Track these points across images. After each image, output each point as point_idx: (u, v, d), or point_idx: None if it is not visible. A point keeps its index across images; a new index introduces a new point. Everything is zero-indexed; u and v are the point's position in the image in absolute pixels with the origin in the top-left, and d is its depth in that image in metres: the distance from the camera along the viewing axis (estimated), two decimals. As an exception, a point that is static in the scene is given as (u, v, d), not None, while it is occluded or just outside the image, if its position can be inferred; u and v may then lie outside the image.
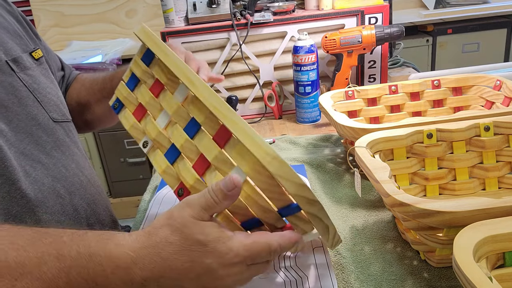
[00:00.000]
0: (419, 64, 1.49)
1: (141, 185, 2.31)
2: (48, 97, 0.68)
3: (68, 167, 0.66)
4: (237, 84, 1.15)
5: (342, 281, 0.54)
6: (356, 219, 0.66)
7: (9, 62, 0.63)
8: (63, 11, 2.57)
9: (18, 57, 0.65)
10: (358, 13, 1.08)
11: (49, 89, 0.69)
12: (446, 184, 0.68)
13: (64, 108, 0.72)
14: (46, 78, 0.71)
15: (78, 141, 0.73)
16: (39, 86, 0.67)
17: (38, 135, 0.63)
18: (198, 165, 0.48)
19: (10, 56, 0.64)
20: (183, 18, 1.11)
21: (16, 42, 0.68)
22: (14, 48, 0.66)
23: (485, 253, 0.40)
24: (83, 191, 0.68)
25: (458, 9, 2.29)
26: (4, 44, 0.65)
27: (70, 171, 0.66)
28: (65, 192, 0.64)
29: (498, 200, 0.45)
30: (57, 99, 0.71)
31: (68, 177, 0.65)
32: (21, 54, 0.67)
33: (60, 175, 0.64)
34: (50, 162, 0.63)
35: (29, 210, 0.58)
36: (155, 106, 0.54)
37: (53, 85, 0.72)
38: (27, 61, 0.67)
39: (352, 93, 0.89)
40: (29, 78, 0.66)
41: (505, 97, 0.81)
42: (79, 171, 0.69)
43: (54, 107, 0.69)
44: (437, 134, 0.66)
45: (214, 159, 0.46)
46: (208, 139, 0.47)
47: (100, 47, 2.31)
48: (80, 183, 0.68)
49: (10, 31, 0.68)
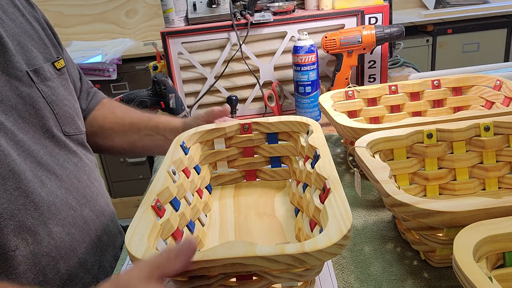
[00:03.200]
0: (419, 64, 1.49)
1: (141, 185, 2.32)
2: (65, 110, 0.68)
3: (80, 178, 0.67)
4: (237, 84, 1.15)
5: (342, 281, 0.54)
6: (356, 219, 0.66)
7: (30, 72, 0.63)
8: (63, 11, 2.57)
9: (39, 68, 0.65)
10: (358, 13, 1.08)
11: (67, 101, 0.70)
12: (446, 184, 0.68)
13: (79, 120, 0.73)
14: (65, 89, 0.71)
15: (88, 152, 0.74)
16: (57, 98, 0.67)
17: (51, 147, 0.64)
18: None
19: (31, 66, 0.64)
20: (183, 18, 1.11)
21: (40, 50, 0.68)
22: (37, 58, 0.66)
23: (485, 253, 0.40)
24: (93, 202, 0.69)
25: (458, 9, 2.29)
26: (27, 53, 0.65)
27: (82, 183, 0.67)
28: (77, 204, 0.64)
29: (498, 200, 0.45)
30: (73, 111, 0.71)
31: (80, 188, 0.66)
32: (43, 64, 0.66)
33: (72, 187, 0.64)
34: (64, 173, 0.64)
35: (42, 222, 0.58)
36: None
37: (71, 96, 0.72)
38: (48, 71, 0.67)
39: (352, 93, 0.89)
40: (49, 89, 0.66)
41: (505, 97, 0.81)
42: (90, 182, 0.69)
43: (69, 120, 0.69)
44: (437, 134, 0.66)
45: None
46: None
47: (100, 47, 2.31)
48: (91, 194, 0.68)
49: (35, 38, 0.68)
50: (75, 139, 0.70)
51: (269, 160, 0.74)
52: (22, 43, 0.64)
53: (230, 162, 0.75)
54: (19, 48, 0.64)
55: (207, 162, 0.74)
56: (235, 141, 0.73)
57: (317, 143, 0.62)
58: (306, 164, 0.63)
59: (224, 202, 0.71)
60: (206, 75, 1.13)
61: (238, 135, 0.73)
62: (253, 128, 0.72)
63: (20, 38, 0.65)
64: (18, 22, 0.66)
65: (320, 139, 0.63)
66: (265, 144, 0.73)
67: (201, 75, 1.14)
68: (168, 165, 0.60)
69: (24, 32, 0.66)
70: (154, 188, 0.54)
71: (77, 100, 0.75)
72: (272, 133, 0.72)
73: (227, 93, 1.14)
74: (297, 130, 0.71)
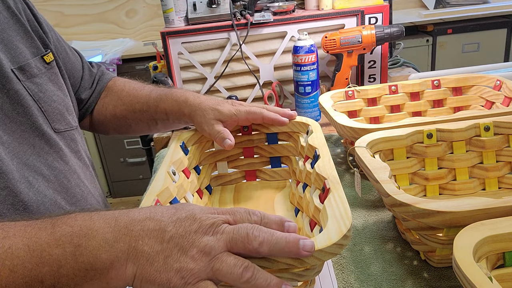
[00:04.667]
0: (419, 64, 1.48)
1: (141, 185, 2.32)
2: (53, 106, 0.66)
3: (70, 178, 0.66)
4: (237, 84, 1.15)
5: (342, 281, 0.54)
6: (356, 219, 0.66)
7: (15, 70, 0.61)
8: (63, 11, 2.57)
9: (25, 65, 0.63)
10: (358, 13, 1.08)
11: (56, 96, 0.68)
12: (446, 184, 0.68)
13: (69, 116, 0.70)
14: (54, 84, 0.68)
15: (81, 149, 0.72)
16: (44, 95, 0.65)
17: (41, 147, 0.62)
18: None
19: (17, 63, 0.62)
20: (183, 18, 1.11)
21: (26, 45, 0.66)
22: (24, 53, 0.64)
23: (485, 253, 0.40)
24: (84, 202, 0.67)
25: (458, 9, 2.29)
26: (12, 50, 0.63)
27: (72, 182, 0.66)
28: (66, 203, 0.63)
29: (498, 200, 0.45)
30: (63, 107, 0.69)
31: (69, 188, 0.65)
32: (30, 59, 0.64)
33: (61, 187, 0.63)
34: (52, 174, 0.63)
35: None
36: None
37: (61, 91, 0.70)
38: (35, 67, 0.65)
39: (352, 93, 0.89)
40: (35, 86, 0.64)
41: (505, 97, 0.81)
42: (81, 181, 0.68)
43: (58, 116, 0.67)
44: (437, 134, 0.66)
45: None
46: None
47: (100, 47, 2.31)
48: (81, 194, 0.67)
49: (21, 33, 0.65)
50: (66, 135, 0.68)
51: (269, 160, 0.74)
52: (6, 40, 0.63)
53: (230, 162, 0.75)
54: (3, 46, 0.62)
55: (207, 162, 0.74)
56: (235, 141, 0.73)
57: (317, 143, 0.62)
58: (306, 164, 0.63)
59: (224, 202, 0.71)
60: (206, 75, 1.13)
61: (238, 135, 0.73)
62: (253, 128, 0.72)
63: (4, 35, 0.63)
64: (2, 17, 0.64)
65: (320, 139, 0.63)
66: (265, 144, 0.73)
67: (201, 75, 1.14)
68: (168, 165, 0.60)
69: (9, 27, 0.64)
70: (154, 188, 0.54)
71: (68, 94, 0.72)
72: (272, 133, 0.72)
73: (227, 93, 1.14)
74: (297, 130, 0.71)
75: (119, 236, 0.40)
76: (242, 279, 0.38)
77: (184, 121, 0.73)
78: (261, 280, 0.39)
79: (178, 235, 0.40)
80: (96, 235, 0.40)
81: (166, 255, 0.39)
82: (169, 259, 0.39)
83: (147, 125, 0.79)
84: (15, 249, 0.39)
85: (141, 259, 0.39)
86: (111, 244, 0.40)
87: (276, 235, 0.40)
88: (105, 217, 0.42)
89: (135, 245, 0.40)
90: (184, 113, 0.71)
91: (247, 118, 0.69)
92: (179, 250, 0.39)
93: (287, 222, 0.43)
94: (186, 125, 0.75)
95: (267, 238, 0.40)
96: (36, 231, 0.41)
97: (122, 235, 0.40)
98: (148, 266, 0.39)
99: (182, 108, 0.71)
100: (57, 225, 0.41)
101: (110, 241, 0.40)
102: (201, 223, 0.41)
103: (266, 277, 0.39)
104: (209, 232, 0.41)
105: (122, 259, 0.39)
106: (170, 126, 0.79)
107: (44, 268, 0.39)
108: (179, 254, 0.39)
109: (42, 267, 0.39)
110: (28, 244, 0.40)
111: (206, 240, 0.40)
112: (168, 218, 0.41)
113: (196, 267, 0.39)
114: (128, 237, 0.40)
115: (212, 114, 0.68)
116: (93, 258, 0.39)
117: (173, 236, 0.40)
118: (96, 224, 0.41)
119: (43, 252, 0.39)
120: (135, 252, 0.40)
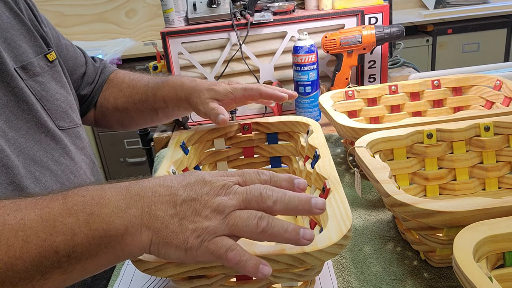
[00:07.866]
0: (419, 64, 1.49)
1: (141, 185, 2.29)
2: (56, 104, 0.67)
3: (76, 173, 0.66)
4: (237, 84, 1.15)
5: (342, 281, 0.54)
6: (356, 219, 0.66)
7: (17, 69, 0.62)
8: (63, 11, 2.57)
9: (28, 63, 0.64)
10: (358, 13, 1.08)
11: (58, 95, 0.68)
12: (446, 184, 0.68)
13: (73, 113, 0.71)
14: (57, 82, 0.69)
15: (86, 146, 0.73)
16: (47, 94, 0.66)
17: (47, 143, 0.63)
18: None
19: (20, 62, 0.63)
20: (183, 18, 1.11)
21: (29, 44, 0.66)
22: (27, 52, 0.64)
23: (485, 253, 0.40)
24: None
25: (458, 9, 2.29)
26: (15, 49, 0.63)
27: (78, 178, 0.66)
28: None
29: (498, 200, 0.45)
30: (66, 105, 0.69)
31: (76, 183, 0.65)
32: (33, 58, 0.65)
33: (68, 181, 0.64)
34: (59, 169, 0.63)
35: None
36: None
37: (64, 89, 0.70)
38: (38, 66, 0.65)
39: (352, 93, 0.89)
40: (38, 85, 0.64)
41: (505, 97, 0.81)
42: (87, 177, 0.68)
43: (62, 114, 0.67)
44: (437, 134, 0.66)
45: None
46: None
47: (100, 47, 2.31)
48: None
49: (23, 32, 0.66)
50: (71, 132, 0.69)
51: (269, 160, 0.74)
52: (9, 39, 0.63)
53: (230, 162, 0.75)
54: (6, 45, 0.62)
55: (207, 162, 0.74)
56: (235, 141, 0.73)
57: (317, 143, 0.62)
58: (306, 164, 0.63)
59: (224, 202, 0.71)
60: (206, 75, 1.13)
61: (238, 135, 0.73)
62: (253, 128, 0.72)
63: (7, 34, 0.63)
64: (5, 17, 0.64)
65: (320, 139, 0.63)
66: (265, 144, 0.73)
67: (201, 75, 1.14)
68: (168, 165, 0.60)
69: (12, 27, 0.64)
70: None
71: (70, 92, 0.72)
72: (272, 133, 0.72)
73: (227, 93, 1.14)
74: (297, 130, 0.71)
75: (132, 203, 0.40)
76: (258, 229, 0.39)
77: (183, 107, 0.73)
78: (277, 228, 0.39)
79: (190, 198, 0.41)
80: (109, 203, 0.40)
81: (181, 217, 0.40)
82: (183, 221, 0.40)
83: (149, 115, 0.79)
84: (27, 220, 0.39)
85: (156, 223, 0.40)
86: (124, 210, 0.40)
87: (289, 194, 0.41)
88: (116, 187, 0.42)
89: (148, 210, 0.40)
90: (181, 98, 0.71)
91: (244, 95, 0.68)
92: (193, 212, 0.40)
93: (296, 179, 0.44)
94: (186, 112, 0.75)
95: (280, 197, 0.40)
96: (48, 202, 0.41)
97: (134, 202, 0.40)
98: (163, 229, 0.39)
99: (178, 93, 0.71)
100: (68, 196, 0.41)
101: (122, 208, 0.40)
102: (212, 186, 0.41)
103: (283, 224, 0.39)
104: (221, 193, 0.41)
105: (136, 224, 0.40)
106: (170, 115, 0.79)
107: (58, 237, 0.38)
108: (193, 215, 0.40)
109: (56, 236, 0.38)
110: (40, 214, 0.39)
111: (218, 200, 0.40)
112: (178, 184, 0.42)
113: (211, 225, 0.39)
114: (141, 203, 0.40)
115: (207, 94, 0.68)
116: (106, 224, 0.39)
117: (185, 200, 0.41)
118: (108, 193, 0.41)
119: (56, 222, 0.39)
120: (148, 217, 0.40)
